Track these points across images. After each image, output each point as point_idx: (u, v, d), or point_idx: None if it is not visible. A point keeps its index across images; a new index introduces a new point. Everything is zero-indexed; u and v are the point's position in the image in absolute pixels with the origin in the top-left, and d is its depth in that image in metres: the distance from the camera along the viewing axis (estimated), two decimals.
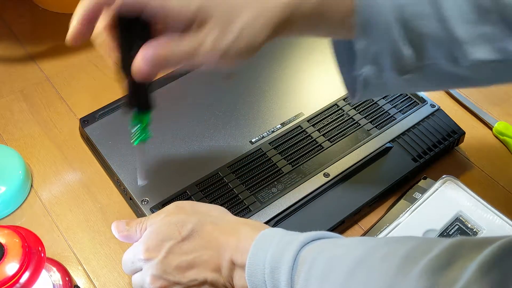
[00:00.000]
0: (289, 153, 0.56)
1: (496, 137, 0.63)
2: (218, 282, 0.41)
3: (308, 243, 0.38)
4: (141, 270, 0.43)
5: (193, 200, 0.51)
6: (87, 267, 0.51)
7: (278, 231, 0.40)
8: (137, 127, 0.38)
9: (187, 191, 0.52)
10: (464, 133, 0.60)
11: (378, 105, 0.61)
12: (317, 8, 0.37)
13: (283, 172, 0.54)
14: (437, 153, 0.58)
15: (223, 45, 0.35)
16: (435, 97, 0.65)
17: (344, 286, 0.34)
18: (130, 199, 0.53)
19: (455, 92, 0.67)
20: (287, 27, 0.37)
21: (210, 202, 0.51)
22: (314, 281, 0.35)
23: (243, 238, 0.40)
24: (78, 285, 0.49)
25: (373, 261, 0.34)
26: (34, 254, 0.40)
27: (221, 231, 0.42)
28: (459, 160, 0.61)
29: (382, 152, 0.57)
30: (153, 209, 0.50)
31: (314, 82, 0.64)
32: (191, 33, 0.35)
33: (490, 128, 0.64)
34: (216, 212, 0.45)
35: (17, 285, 0.38)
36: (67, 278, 0.48)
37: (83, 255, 0.52)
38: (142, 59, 0.34)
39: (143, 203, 0.51)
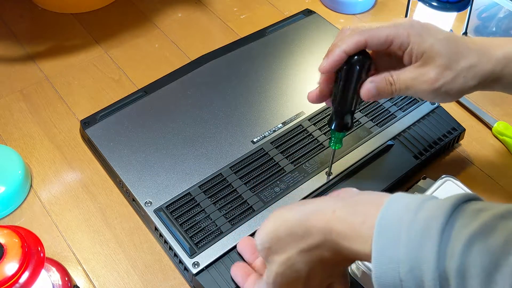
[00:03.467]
0: (291, 152, 0.56)
1: (496, 137, 0.63)
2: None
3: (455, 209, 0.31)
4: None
5: (196, 201, 0.51)
6: (86, 267, 0.51)
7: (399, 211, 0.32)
8: (333, 137, 0.49)
9: (190, 192, 0.52)
10: (464, 129, 0.60)
11: (379, 103, 0.61)
12: None
13: (285, 172, 0.54)
14: (438, 150, 0.58)
15: (441, 80, 0.41)
16: None
17: None
18: (133, 200, 0.53)
19: None
20: (495, 80, 0.42)
21: (214, 203, 0.51)
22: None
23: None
24: (78, 285, 0.49)
25: None
26: (33, 254, 0.40)
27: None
28: (459, 160, 0.61)
29: (384, 150, 0.57)
30: (156, 211, 0.50)
31: (314, 81, 0.64)
32: (413, 66, 0.42)
33: (490, 128, 0.64)
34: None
35: (17, 285, 0.38)
36: (66, 278, 0.47)
37: (83, 255, 0.51)
38: (371, 82, 0.43)
39: (146, 204, 0.51)
